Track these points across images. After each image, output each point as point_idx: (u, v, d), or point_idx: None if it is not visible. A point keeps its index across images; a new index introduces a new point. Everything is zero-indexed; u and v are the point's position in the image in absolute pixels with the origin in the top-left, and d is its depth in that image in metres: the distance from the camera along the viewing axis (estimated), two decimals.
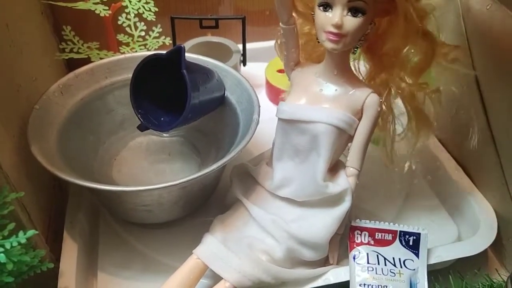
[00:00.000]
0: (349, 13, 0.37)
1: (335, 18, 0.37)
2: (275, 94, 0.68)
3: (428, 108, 0.44)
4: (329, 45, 0.39)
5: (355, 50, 0.42)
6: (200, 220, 0.51)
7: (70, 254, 0.45)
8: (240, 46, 0.68)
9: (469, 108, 0.53)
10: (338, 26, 0.37)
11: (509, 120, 0.47)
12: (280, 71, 0.68)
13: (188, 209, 0.50)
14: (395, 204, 0.54)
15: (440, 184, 0.56)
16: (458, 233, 0.52)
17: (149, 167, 0.56)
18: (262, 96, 0.71)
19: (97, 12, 0.60)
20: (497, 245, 0.49)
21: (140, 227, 0.51)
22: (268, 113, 0.48)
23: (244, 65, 0.69)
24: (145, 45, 0.67)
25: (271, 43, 0.76)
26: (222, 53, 0.68)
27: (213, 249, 0.43)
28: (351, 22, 0.37)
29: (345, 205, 0.43)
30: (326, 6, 0.38)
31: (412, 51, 0.41)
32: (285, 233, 0.43)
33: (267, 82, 0.69)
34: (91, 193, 0.51)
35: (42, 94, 0.49)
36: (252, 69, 0.71)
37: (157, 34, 0.67)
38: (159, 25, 0.66)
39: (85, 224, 0.50)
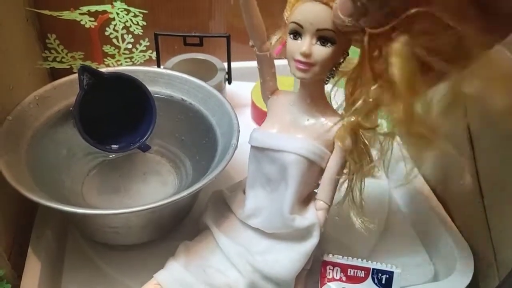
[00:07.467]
0: (318, 42, 0.36)
1: (303, 47, 0.36)
2: (260, 116, 0.67)
3: None
4: (297, 73, 0.38)
5: (327, 80, 0.40)
6: (171, 244, 0.48)
7: (33, 271, 0.44)
8: (226, 64, 0.67)
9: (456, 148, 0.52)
10: (306, 55, 0.36)
11: (496, 163, 0.46)
12: None
13: (158, 233, 0.49)
14: (371, 237, 0.52)
15: (419, 219, 0.55)
16: (434, 271, 0.51)
17: (122, 186, 0.54)
18: (247, 117, 0.70)
19: (82, 23, 0.59)
20: (472, 286, 0.48)
21: (108, 247, 0.49)
22: None
23: (229, 83, 0.68)
24: (131, 58, 0.66)
25: None
26: (207, 70, 0.67)
27: (175, 275, 0.41)
28: (320, 51, 0.36)
29: (313, 240, 0.42)
30: (296, 34, 0.37)
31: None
32: (250, 266, 0.41)
33: (253, 104, 0.68)
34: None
35: (17, 105, 0.48)
36: (239, 88, 0.70)
37: (144, 48, 0.66)
38: (146, 39, 0.65)
39: (51, 241, 0.48)
